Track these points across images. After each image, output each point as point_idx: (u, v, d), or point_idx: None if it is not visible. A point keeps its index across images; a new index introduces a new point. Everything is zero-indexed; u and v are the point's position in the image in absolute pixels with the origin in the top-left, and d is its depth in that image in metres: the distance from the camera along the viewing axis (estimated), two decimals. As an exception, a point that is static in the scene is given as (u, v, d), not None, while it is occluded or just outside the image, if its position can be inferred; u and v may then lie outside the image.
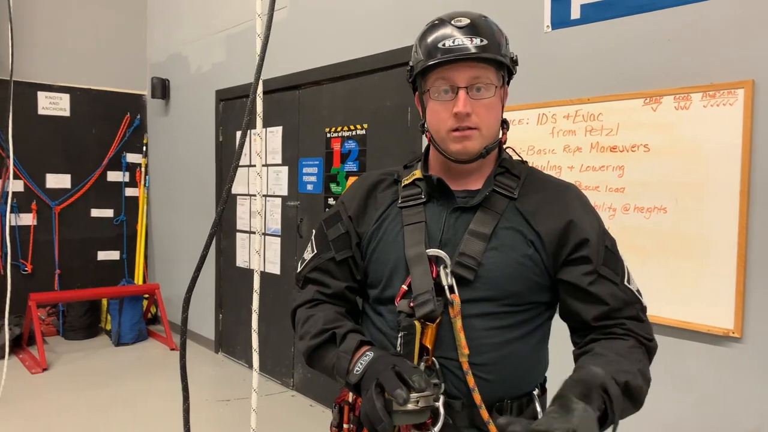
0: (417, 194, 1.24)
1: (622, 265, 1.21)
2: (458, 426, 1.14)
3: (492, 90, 1.15)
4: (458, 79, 1.13)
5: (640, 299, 1.20)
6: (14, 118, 3.49)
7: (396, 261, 1.20)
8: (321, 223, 1.34)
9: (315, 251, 1.31)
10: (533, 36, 2.64)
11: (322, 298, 1.28)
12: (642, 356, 1.14)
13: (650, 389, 1.14)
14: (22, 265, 5.45)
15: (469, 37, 1.12)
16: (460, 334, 1.11)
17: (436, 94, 1.16)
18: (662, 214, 2.23)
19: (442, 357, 1.13)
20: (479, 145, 1.17)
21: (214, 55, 5.07)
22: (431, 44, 1.15)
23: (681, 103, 2.18)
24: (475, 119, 1.14)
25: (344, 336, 1.16)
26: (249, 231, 4.76)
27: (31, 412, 3.77)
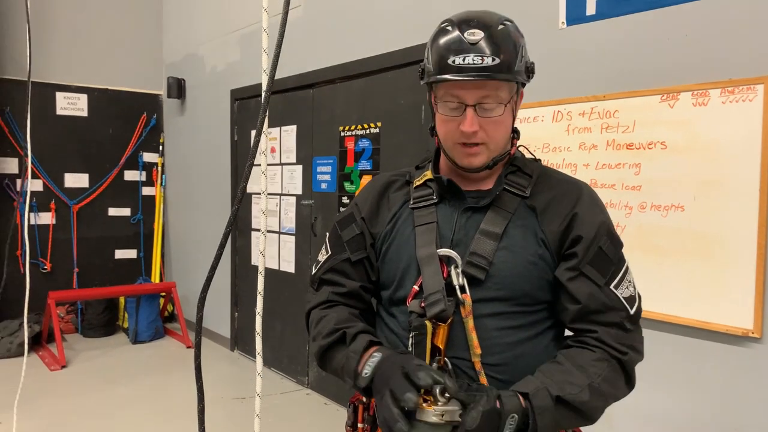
0: (428, 195, 1.24)
1: (616, 269, 1.15)
2: None
3: (501, 108, 1.13)
4: (466, 98, 1.11)
5: (627, 307, 1.14)
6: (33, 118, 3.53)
7: (408, 261, 1.20)
8: (335, 225, 1.34)
9: (330, 252, 1.32)
10: (548, 32, 2.62)
11: (337, 299, 1.29)
12: (605, 371, 1.10)
13: (668, 389, 1.13)
14: (41, 263, 5.52)
15: (481, 56, 1.08)
16: (472, 333, 1.11)
17: (444, 108, 1.15)
18: (680, 212, 2.20)
19: (455, 357, 1.13)
20: (486, 159, 1.17)
21: (228, 55, 5.09)
22: (442, 57, 1.11)
23: (699, 100, 2.15)
24: (482, 135, 1.13)
25: (354, 336, 1.16)
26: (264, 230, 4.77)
27: (50, 408, 3.82)
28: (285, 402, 4.05)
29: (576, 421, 1.09)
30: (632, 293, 1.17)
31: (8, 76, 5.21)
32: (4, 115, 5.26)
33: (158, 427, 3.54)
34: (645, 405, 2.33)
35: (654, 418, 2.32)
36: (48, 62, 5.44)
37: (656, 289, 2.27)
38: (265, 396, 4.08)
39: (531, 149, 1.33)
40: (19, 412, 3.19)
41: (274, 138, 4.62)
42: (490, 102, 1.11)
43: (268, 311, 4.68)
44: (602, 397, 1.09)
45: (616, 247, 1.18)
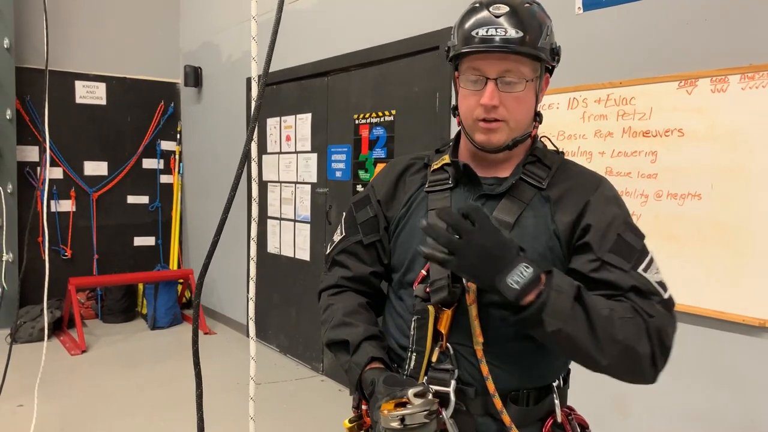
0: (444, 179, 1.23)
1: (641, 255, 1.11)
2: (472, 413, 1.13)
3: (523, 84, 1.11)
4: (488, 71, 1.10)
5: (660, 291, 1.09)
6: (53, 107, 3.58)
7: (418, 246, 1.19)
8: (351, 206, 1.35)
9: (343, 233, 1.33)
10: (564, 18, 2.58)
11: (346, 283, 1.30)
12: (631, 318, 1.03)
13: (685, 380, 1.11)
14: (62, 250, 5.62)
15: (505, 28, 1.08)
16: (475, 321, 1.10)
17: (466, 83, 1.14)
18: (697, 200, 2.17)
19: (457, 343, 1.13)
20: (505, 138, 1.15)
21: (244, 43, 5.10)
22: (467, 30, 1.11)
23: (718, 86, 2.10)
24: (503, 111, 1.11)
25: (358, 346, 1.18)
26: (279, 218, 4.80)
27: (70, 392, 3.90)
28: (300, 388, 4.09)
29: (583, 340, 1.00)
30: (662, 280, 1.12)
31: (28, 65, 5.27)
32: (25, 103, 5.33)
33: (175, 411, 3.60)
34: (660, 395, 2.31)
35: (669, 408, 2.30)
36: (67, 51, 5.50)
37: (672, 278, 2.20)
38: (280, 382, 4.13)
39: (552, 141, 1.31)
40: (40, 395, 3.25)
41: (290, 126, 4.63)
42: (511, 76, 1.10)
43: (283, 299, 4.72)
44: (618, 333, 1.01)
45: (638, 236, 1.13)
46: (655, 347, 1.04)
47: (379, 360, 1.17)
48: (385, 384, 1.05)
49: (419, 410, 0.98)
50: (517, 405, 1.13)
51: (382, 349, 1.21)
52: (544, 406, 1.17)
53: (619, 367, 1.04)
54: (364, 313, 1.26)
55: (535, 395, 1.15)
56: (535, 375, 1.16)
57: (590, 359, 1.03)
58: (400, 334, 1.21)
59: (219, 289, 5.72)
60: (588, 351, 1.02)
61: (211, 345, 5.04)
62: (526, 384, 1.15)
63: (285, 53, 4.39)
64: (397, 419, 0.97)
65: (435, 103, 3.31)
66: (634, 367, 1.04)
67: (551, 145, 1.27)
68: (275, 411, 3.57)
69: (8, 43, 4.99)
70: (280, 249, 4.80)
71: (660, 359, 1.06)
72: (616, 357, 1.02)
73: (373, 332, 1.22)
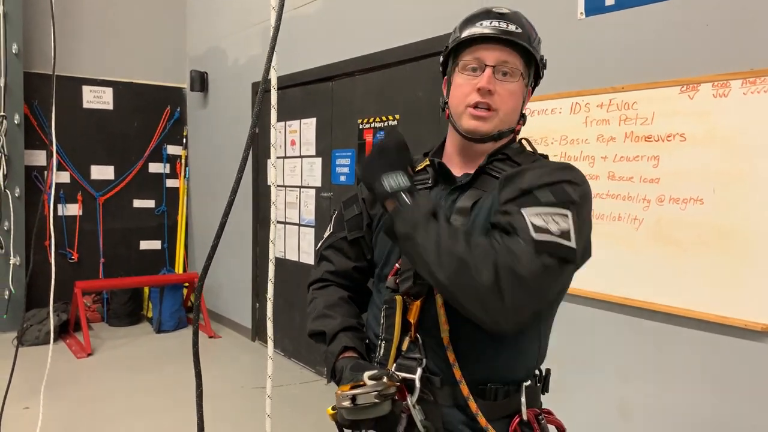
0: (425, 179, 1.29)
1: (535, 202, 1.06)
2: (439, 404, 1.17)
3: (517, 76, 1.19)
4: (487, 58, 1.18)
5: (529, 228, 1.03)
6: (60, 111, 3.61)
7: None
8: (341, 204, 1.42)
9: (332, 230, 1.41)
10: (566, 23, 2.59)
11: (330, 277, 1.38)
12: (483, 246, 1.03)
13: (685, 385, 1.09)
14: (68, 253, 5.65)
15: (506, 22, 1.18)
16: (441, 310, 1.14)
17: (465, 70, 1.21)
18: (699, 205, 2.17)
19: (426, 334, 1.18)
20: (493, 127, 1.20)
21: (250, 48, 5.14)
22: (472, 22, 1.21)
23: (719, 91, 2.11)
24: (496, 100, 1.18)
25: (334, 336, 1.25)
26: (285, 222, 4.82)
27: (76, 395, 3.93)
28: (304, 392, 4.09)
29: (428, 251, 1.03)
30: (546, 227, 1.03)
31: (36, 70, 5.32)
32: (33, 108, 5.38)
33: (180, 414, 3.61)
34: (661, 399, 2.31)
35: (671, 413, 2.30)
36: (74, 56, 5.55)
37: (674, 283, 2.24)
38: (284, 386, 4.14)
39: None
40: (46, 397, 3.27)
41: (294, 130, 4.65)
42: (508, 67, 1.18)
43: (287, 302, 4.73)
44: (460, 249, 1.01)
45: (558, 197, 1.07)
46: (501, 279, 1.00)
47: (351, 349, 1.23)
48: (351, 370, 1.13)
49: (370, 390, 1.03)
50: (484, 399, 1.16)
51: (359, 339, 1.27)
52: (511, 404, 1.18)
53: (459, 286, 1.02)
54: (344, 305, 1.33)
55: (503, 391, 1.17)
56: (502, 369, 1.18)
57: (431, 273, 1.04)
58: (376, 324, 1.27)
59: (224, 294, 5.74)
60: (429, 262, 1.04)
61: (216, 349, 5.06)
62: (492, 378, 1.17)
63: (290, 58, 4.41)
64: (348, 399, 1.03)
65: (439, 109, 3.32)
66: (475, 292, 1.01)
67: (529, 147, 1.30)
68: (280, 414, 3.57)
69: (17, 48, 5.05)
70: (284, 253, 4.82)
71: (508, 292, 1.00)
72: (453, 272, 1.01)
73: (350, 323, 1.29)
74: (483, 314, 1.03)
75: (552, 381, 1.30)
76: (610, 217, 2.43)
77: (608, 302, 2.46)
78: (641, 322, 2.37)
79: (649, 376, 2.34)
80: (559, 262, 1.04)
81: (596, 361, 2.53)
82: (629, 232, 2.37)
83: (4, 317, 5.18)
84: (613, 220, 2.42)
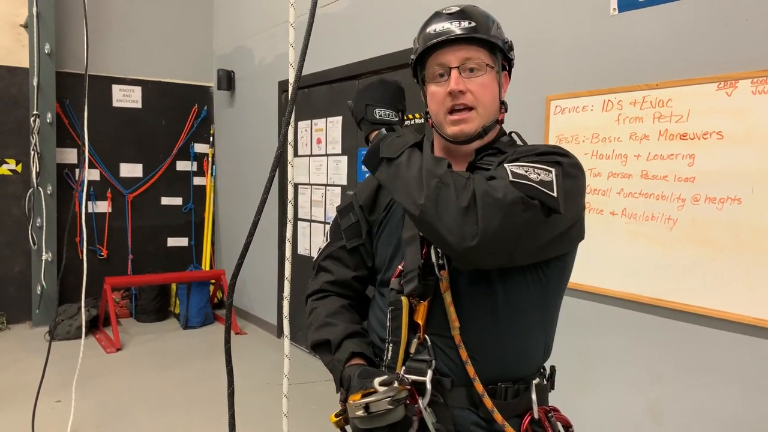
0: None
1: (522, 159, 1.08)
2: (449, 406, 1.15)
3: (484, 69, 1.18)
4: (450, 60, 1.18)
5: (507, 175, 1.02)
6: (91, 110, 3.67)
7: (396, 244, 1.26)
8: (336, 214, 1.41)
9: (328, 240, 1.40)
10: (599, 19, 2.54)
11: (329, 288, 1.37)
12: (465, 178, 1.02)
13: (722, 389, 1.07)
14: (98, 250, 5.75)
15: (458, 21, 1.18)
16: (450, 307, 1.13)
17: (432, 79, 1.21)
18: (736, 205, 2.11)
19: (434, 334, 1.16)
20: (476, 126, 1.19)
21: (276, 47, 5.16)
22: (425, 32, 1.21)
23: (759, 87, 2.05)
24: (470, 97, 1.18)
25: (339, 344, 1.23)
26: (310, 219, 4.84)
27: (106, 388, 3.99)
28: (329, 389, 4.10)
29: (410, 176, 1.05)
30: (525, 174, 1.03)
31: (68, 69, 5.42)
32: (64, 107, 5.48)
33: (207, 409, 3.65)
34: (693, 402, 2.26)
35: (701, 415, 2.24)
36: (105, 56, 5.64)
37: (711, 284, 2.19)
38: (309, 383, 4.15)
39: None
40: (77, 391, 3.34)
41: (320, 129, 4.66)
42: (472, 63, 1.17)
43: (313, 300, 4.74)
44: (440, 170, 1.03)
45: (543, 159, 1.08)
46: (478, 200, 0.99)
47: (359, 355, 1.22)
48: (360, 378, 1.11)
49: (383, 397, 1.01)
50: (495, 398, 1.15)
51: (365, 344, 1.26)
52: (522, 402, 1.18)
53: (436, 207, 1.00)
54: (346, 313, 1.32)
55: (513, 390, 1.17)
56: (510, 367, 1.18)
57: (410, 194, 1.04)
58: (381, 327, 1.25)
59: (249, 290, 5.78)
60: (410, 184, 1.04)
61: (241, 345, 5.10)
62: (502, 376, 1.16)
63: (316, 57, 4.42)
64: (361, 407, 1.02)
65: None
66: (452, 212, 0.99)
67: (521, 141, 1.29)
68: (305, 411, 3.59)
69: (49, 48, 5.14)
70: (310, 250, 4.83)
71: (483, 213, 0.98)
72: (433, 192, 1.00)
73: (354, 329, 1.27)
74: (455, 237, 0.98)
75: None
76: (643, 217, 2.38)
77: (641, 303, 2.41)
78: (674, 323, 2.32)
79: (681, 377, 2.29)
80: (539, 205, 1.00)
81: (627, 362, 2.48)
82: (663, 231, 2.32)
83: (36, 312, 5.30)
84: (646, 220, 2.37)
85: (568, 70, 2.63)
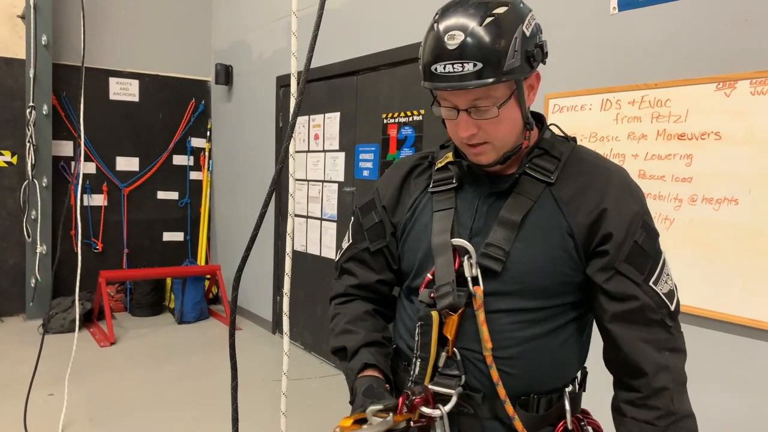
0: (448, 179, 1.20)
1: (654, 264, 1.09)
2: (480, 416, 1.11)
3: (495, 109, 1.04)
4: (458, 102, 1.06)
5: (667, 303, 1.08)
6: (87, 103, 3.65)
7: (425, 250, 1.18)
8: (357, 211, 1.33)
9: (351, 240, 1.32)
10: (598, 18, 2.54)
11: (353, 291, 1.31)
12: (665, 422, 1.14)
13: (719, 391, 1.12)
14: (93, 243, 5.73)
15: (461, 63, 1.00)
16: (483, 327, 1.07)
17: (443, 110, 1.11)
18: (733, 206, 2.11)
19: (464, 348, 1.11)
20: (494, 156, 1.11)
21: (275, 42, 5.14)
22: (426, 65, 1.06)
23: (758, 88, 2.04)
24: (483, 135, 1.08)
25: (355, 352, 1.20)
26: (306, 216, 4.82)
27: (99, 382, 3.98)
28: (323, 386, 4.10)
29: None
30: (671, 287, 1.10)
31: (65, 61, 5.39)
32: (61, 99, 5.45)
33: (201, 404, 3.64)
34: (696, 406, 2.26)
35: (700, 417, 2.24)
36: (102, 49, 5.61)
37: (708, 286, 2.19)
38: (303, 379, 4.15)
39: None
40: (70, 384, 3.32)
41: (318, 125, 4.65)
42: (482, 103, 1.04)
43: (309, 296, 4.74)
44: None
45: (653, 239, 1.10)
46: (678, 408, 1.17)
47: (373, 367, 1.16)
48: (363, 395, 1.08)
49: (374, 431, 0.95)
50: (527, 411, 1.11)
51: (382, 355, 1.21)
52: (554, 412, 1.14)
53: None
54: (369, 319, 1.26)
55: (546, 401, 1.12)
56: (545, 380, 1.13)
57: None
58: (410, 336, 1.19)
59: (245, 286, 5.77)
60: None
61: (237, 341, 5.06)
62: (535, 388, 1.12)
63: (315, 52, 4.40)
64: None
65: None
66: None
67: (560, 133, 1.21)
68: (299, 408, 3.58)
69: (46, 40, 5.11)
70: (306, 247, 4.82)
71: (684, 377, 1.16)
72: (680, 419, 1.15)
73: (374, 338, 1.22)
74: None
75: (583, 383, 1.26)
76: (639, 217, 2.38)
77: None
78: (670, 324, 2.31)
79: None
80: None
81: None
82: (659, 232, 2.31)
83: (30, 305, 5.28)
84: (642, 220, 2.36)
85: (567, 68, 2.63)
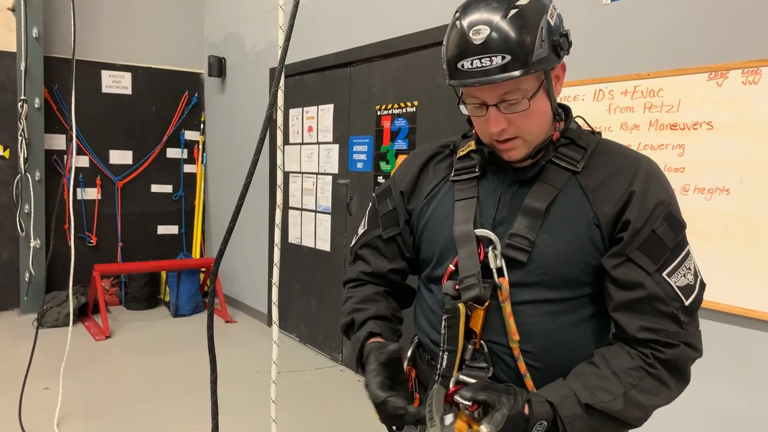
0: (471, 167, 1.18)
1: (672, 255, 1.05)
2: None
3: (527, 101, 1.04)
4: (486, 98, 1.05)
5: (681, 297, 1.04)
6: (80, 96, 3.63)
7: (446, 240, 1.16)
8: (374, 198, 1.34)
9: (366, 227, 1.33)
10: (591, 8, 2.53)
11: (365, 278, 1.31)
12: (641, 380, 1.04)
13: (710, 379, 1.11)
14: (87, 237, 5.71)
15: (489, 56, 0.99)
16: (510, 319, 1.07)
17: (470, 107, 1.10)
18: (725, 195, 2.12)
19: (491, 341, 1.10)
20: (525, 150, 1.10)
21: (268, 34, 5.11)
22: (451, 60, 1.05)
23: (749, 78, 2.05)
24: (513, 130, 1.06)
25: (363, 323, 1.21)
26: (300, 208, 4.82)
27: (94, 376, 3.97)
28: (319, 378, 4.11)
29: (614, 427, 1.04)
30: (690, 282, 1.06)
31: (56, 54, 5.35)
32: (53, 92, 5.42)
33: (196, 397, 3.64)
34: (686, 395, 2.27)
35: (695, 408, 2.26)
36: (94, 41, 5.57)
37: (698, 274, 2.19)
38: (299, 371, 4.16)
39: (587, 121, 1.24)
40: (65, 378, 3.32)
41: (312, 117, 4.63)
42: (511, 97, 1.03)
43: (304, 289, 4.74)
44: (638, 407, 1.03)
45: (675, 230, 1.06)
46: (684, 375, 1.11)
47: (378, 335, 1.18)
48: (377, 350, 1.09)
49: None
50: None
51: (388, 329, 1.21)
52: None
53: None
54: (381, 300, 1.27)
55: None
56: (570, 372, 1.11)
57: (627, 429, 1.10)
58: (432, 329, 1.18)
59: (240, 279, 5.77)
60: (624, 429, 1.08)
61: (232, 333, 5.09)
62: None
63: (307, 44, 4.39)
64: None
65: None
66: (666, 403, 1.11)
67: (586, 126, 1.20)
68: (294, 399, 3.59)
69: (37, 32, 5.07)
70: (300, 239, 4.82)
71: (688, 377, 1.12)
72: (644, 416, 1.07)
73: (383, 314, 1.23)
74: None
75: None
76: (632, 207, 2.38)
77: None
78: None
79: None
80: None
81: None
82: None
83: (24, 299, 5.27)
84: (635, 210, 2.37)
85: (560, 59, 2.62)
